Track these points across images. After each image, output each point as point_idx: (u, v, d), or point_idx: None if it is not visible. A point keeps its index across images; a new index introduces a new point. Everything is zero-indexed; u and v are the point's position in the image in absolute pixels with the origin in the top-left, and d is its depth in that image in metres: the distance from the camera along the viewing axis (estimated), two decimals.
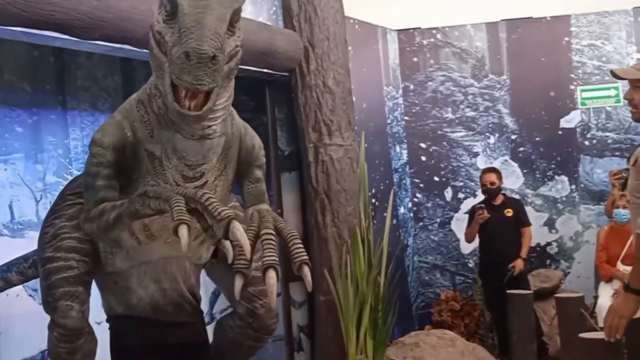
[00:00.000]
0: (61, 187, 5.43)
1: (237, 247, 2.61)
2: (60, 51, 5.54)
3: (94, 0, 4.35)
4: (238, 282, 2.65)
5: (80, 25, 4.32)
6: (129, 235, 2.98)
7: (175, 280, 3.35)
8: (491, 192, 7.18)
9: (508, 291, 5.97)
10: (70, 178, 5.48)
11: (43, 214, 5.49)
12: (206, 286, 4.66)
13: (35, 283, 3.88)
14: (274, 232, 2.71)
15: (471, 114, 8.23)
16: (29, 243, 5.37)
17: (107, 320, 3.47)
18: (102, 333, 3.45)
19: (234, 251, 2.60)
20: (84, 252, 3.17)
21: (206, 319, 3.98)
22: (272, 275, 2.57)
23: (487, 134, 8.20)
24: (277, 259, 2.61)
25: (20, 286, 4.71)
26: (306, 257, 2.66)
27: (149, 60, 2.72)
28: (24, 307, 5.20)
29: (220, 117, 2.74)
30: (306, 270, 2.64)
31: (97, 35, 4.47)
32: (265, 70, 6.05)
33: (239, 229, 2.49)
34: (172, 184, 2.82)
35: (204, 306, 5.43)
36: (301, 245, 2.70)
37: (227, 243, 2.55)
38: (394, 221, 7.44)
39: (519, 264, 6.98)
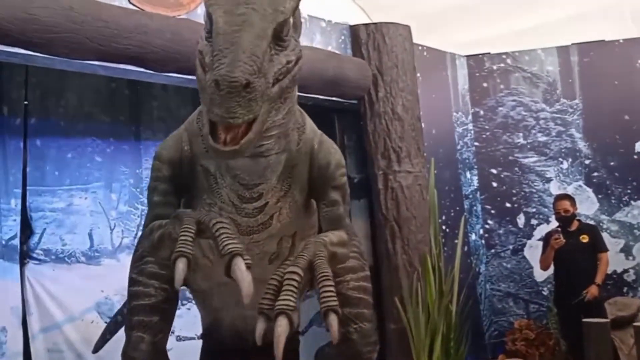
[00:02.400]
0: (132, 217, 5.54)
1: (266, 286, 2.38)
2: (136, 83, 5.70)
3: (168, 34, 4.49)
4: (260, 325, 2.37)
5: (154, 58, 4.48)
6: (202, 255, 2.80)
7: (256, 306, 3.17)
8: (565, 220, 7.03)
9: (584, 320, 5.82)
10: (141, 207, 5.64)
11: (117, 242, 5.67)
12: None
13: None
14: (299, 272, 2.39)
15: (543, 139, 8.11)
16: (104, 270, 5.53)
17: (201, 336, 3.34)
18: None
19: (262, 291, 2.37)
20: (164, 279, 2.92)
21: None
22: (281, 322, 2.27)
23: (560, 159, 8.06)
24: (291, 305, 2.30)
25: None
26: (334, 304, 2.34)
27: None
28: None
29: (275, 135, 2.49)
30: (332, 318, 2.33)
31: (171, 68, 4.61)
32: (334, 99, 6.11)
33: (239, 267, 2.25)
34: (229, 203, 2.63)
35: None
36: (331, 289, 2.38)
37: (239, 276, 2.29)
38: (465, 248, 7.35)
39: (592, 290, 6.78)
